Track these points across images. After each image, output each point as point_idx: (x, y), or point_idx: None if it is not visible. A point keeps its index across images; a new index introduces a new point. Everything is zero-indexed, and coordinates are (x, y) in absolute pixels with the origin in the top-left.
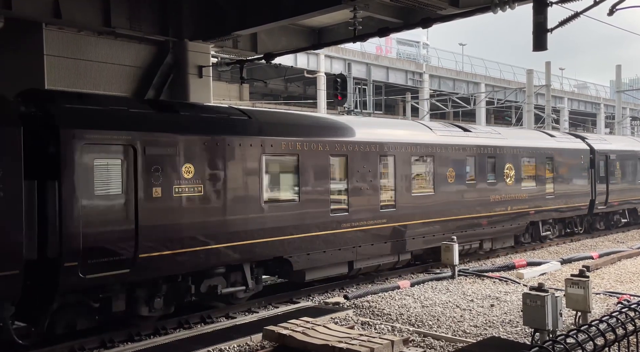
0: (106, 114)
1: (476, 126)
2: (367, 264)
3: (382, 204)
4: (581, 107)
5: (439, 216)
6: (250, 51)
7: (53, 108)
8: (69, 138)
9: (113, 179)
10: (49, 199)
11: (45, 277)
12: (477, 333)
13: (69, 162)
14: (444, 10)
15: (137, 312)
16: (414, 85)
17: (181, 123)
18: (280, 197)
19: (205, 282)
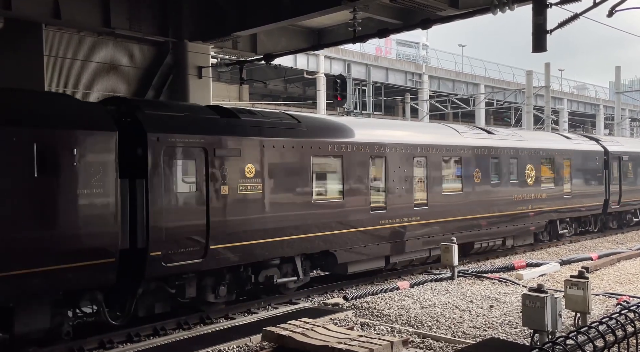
0: (182, 119)
1: (498, 129)
2: (402, 259)
3: (415, 203)
4: (580, 108)
5: (467, 214)
6: (250, 52)
7: (140, 115)
8: (154, 141)
9: (189, 178)
10: (138, 195)
11: (134, 265)
12: (477, 334)
13: (154, 163)
14: (444, 11)
15: (204, 298)
16: (413, 86)
17: (243, 127)
18: (327, 195)
19: (262, 273)
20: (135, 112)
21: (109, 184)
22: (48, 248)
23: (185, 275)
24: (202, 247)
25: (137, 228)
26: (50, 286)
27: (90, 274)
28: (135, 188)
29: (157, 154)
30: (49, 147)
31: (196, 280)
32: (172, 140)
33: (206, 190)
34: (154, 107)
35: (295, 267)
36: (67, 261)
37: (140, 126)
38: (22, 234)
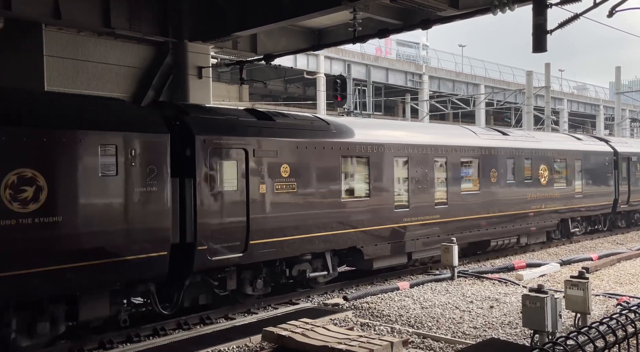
0: (224, 122)
1: (512, 130)
2: (423, 255)
3: (436, 201)
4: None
5: (484, 213)
6: (250, 52)
7: (188, 119)
8: (201, 143)
9: (231, 177)
10: (186, 193)
11: (183, 259)
12: (477, 334)
13: (201, 163)
14: (444, 11)
15: (243, 291)
16: (413, 86)
17: (278, 129)
18: (355, 194)
19: (295, 267)
20: (183, 115)
21: (162, 182)
22: (111, 242)
23: (227, 268)
24: (243, 243)
25: (186, 224)
26: (112, 277)
27: (146, 267)
28: (184, 186)
29: (204, 155)
30: (111, 149)
31: (236, 273)
32: (216, 142)
33: (246, 188)
34: (199, 110)
35: (325, 262)
36: (127, 254)
37: (188, 129)
38: (89, 229)
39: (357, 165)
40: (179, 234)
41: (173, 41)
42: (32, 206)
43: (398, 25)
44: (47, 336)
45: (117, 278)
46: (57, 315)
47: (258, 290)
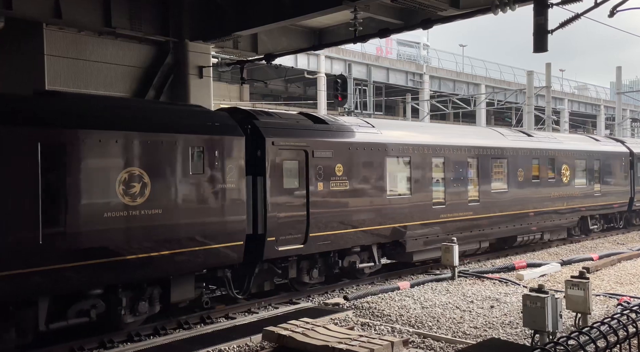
0: (288, 126)
1: (536, 132)
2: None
3: (469, 199)
4: (581, 109)
5: (511, 210)
6: (251, 52)
7: (258, 123)
8: (270, 145)
9: (294, 176)
10: (258, 189)
11: (254, 248)
12: (477, 334)
13: (269, 163)
14: (445, 11)
15: (301, 279)
16: (414, 86)
17: (333, 132)
18: (398, 191)
19: (346, 258)
20: (252, 120)
21: (240, 180)
22: (198, 232)
23: (289, 258)
24: (303, 235)
25: (258, 217)
26: (199, 263)
27: (226, 254)
28: (256, 183)
29: (272, 155)
30: (200, 149)
31: (296, 263)
32: (282, 144)
33: (306, 186)
34: (265, 115)
35: (371, 254)
36: (211, 243)
37: (259, 132)
38: (181, 221)
39: (400, 165)
40: (252, 226)
41: (174, 41)
42: (139, 200)
43: (399, 25)
44: (146, 314)
45: (202, 264)
46: (154, 296)
47: (314, 279)
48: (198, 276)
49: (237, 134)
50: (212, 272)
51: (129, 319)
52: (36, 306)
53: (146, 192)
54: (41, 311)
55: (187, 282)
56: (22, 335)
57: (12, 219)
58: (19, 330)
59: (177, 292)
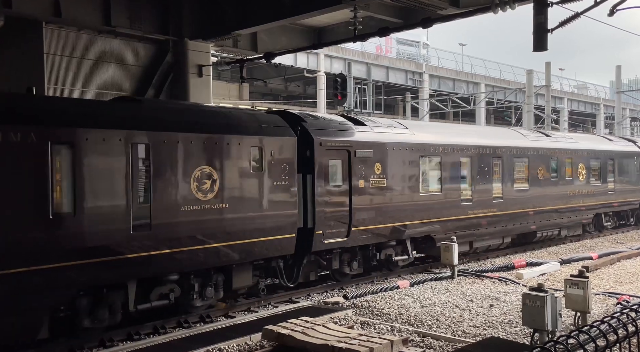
0: (332, 127)
1: (553, 132)
2: (482, 244)
3: (493, 196)
4: (581, 108)
5: (532, 207)
6: (250, 50)
7: (307, 125)
8: (318, 145)
9: (338, 174)
10: (308, 186)
11: (304, 241)
12: (477, 333)
13: (317, 162)
14: (444, 10)
15: (342, 270)
16: (413, 85)
17: (371, 133)
18: (430, 189)
19: (383, 252)
20: (302, 122)
21: (292, 177)
22: (257, 225)
23: (334, 250)
24: (346, 229)
25: (307, 212)
26: (256, 253)
27: (280, 246)
28: (305, 181)
29: (320, 155)
30: (259, 149)
31: (339, 255)
32: (329, 144)
33: (349, 183)
34: (311, 118)
35: (405, 248)
36: (267, 235)
37: (308, 133)
38: (243, 215)
39: (432, 164)
40: (302, 220)
41: (173, 39)
42: (209, 195)
43: (398, 24)
44: (212, 299)
45: (259, 254)
46: (218, 283)
47: (354, 270)
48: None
49: (290, 135)
50: (266, 262)
51: (198, 303)
52: (125, 289)
53: (215, 188)
54: (130, 294)
55: (246, 271)
56: (113, 315)
57: (112, 213)
58: (111, 310)
59: (238, 279)
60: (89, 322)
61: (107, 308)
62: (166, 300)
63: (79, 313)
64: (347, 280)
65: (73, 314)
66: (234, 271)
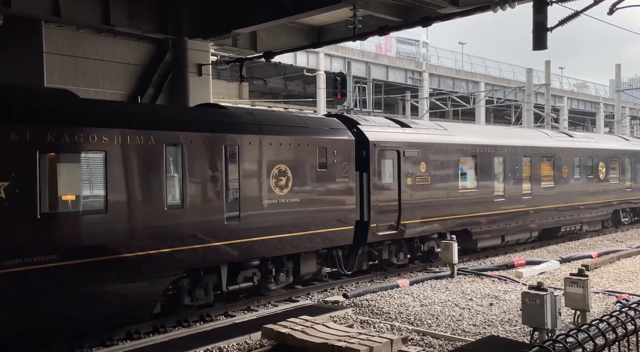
0: (384, 130)
1: (575, 132)
2: (512, 238)
3: (523, 192)
4: (581, 107)
5: (557, 203)
6: (250, 49)
7: (362, 127)
8: (372, 146)
9: (389, 172)
10: (364, 183)
11: (360, 232)
12: (476, 332)
13: (372, 161)
14: (444, 9)
15: (390, 260)
16: (413, 84)
17: (417, 134)
18: (467, 186)
19: (426, 244)
20: (357, 125)
21: (351, 174)
22: (323, 218)
23: (384, 242)
24: (396, 223)
25: (364, 206)
26: (320, 243)
27: (341, 236)
28: (362, 178)
29: (374, 155)
30: (324, 150)
31: (388, 246)
32: (382, 145)
33: (398, 181)
34: (364, 121)
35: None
36: (330, 227)
37: (364, 135)
38: (310, 208)
39: (469, 163)
40: (359, 214)
41: (173, 38)
42: (285, 190)
43: (398, 23)
44: (284, 283)
45: (322, 244)
46: (289, 269)
47: (401, 260)
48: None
49: (349, 136)
50: (328, 252)
51: (273, 286)
52: (218, 272)
53: (289, 184)
54: (223, 276)
55: (312, 259)
56: (207, 294)
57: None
58: (206, 290)
59: (305, 266)
60: (189, 300)
61: (203, 289)
62: (250, 282)
63: (181, 292)
64: (393, 270)
65: (177, 293)
66: (302, 259)
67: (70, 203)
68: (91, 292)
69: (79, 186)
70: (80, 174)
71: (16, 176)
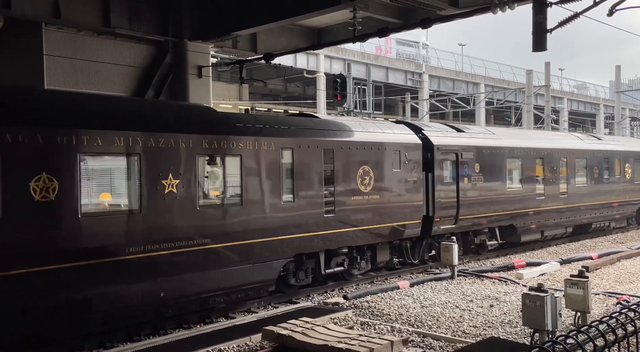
0: (444, 135)
1: (603, 136)
2: (550, 233)
3: (560, 191)
4: (580, 108)
5: (589, 201)
6: (250, 51)
7: (427, 132)
8: (436, 149)
9: (449, 172)
10: (429, 182)
11: (426, 226)
12: (477, 333)
13: (436, 163)
14: (444, 10)
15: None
16: (413, 85)
17: (471, 138)
18: (513, 185)
19: (478, 237)
20: (422, 130)
21: (419, 174)
22: (396, 212)
23: (444, 235)
24: (454, 217)
25: (429, 202)
26: (393, 235)
27: (410, 229)
28: (427, 178)
29: (437, 157)
30: (398, 152)
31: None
32: (444, 148)
33: (457, 180)
34: (426, 126)
35: (494, 234)
36: (402, 220)
37: (429, 140)
38: (387, 204)
39: (514, 164)
40: (425, 209)
41: (173, 40)
42: (368, 188)
43: (398, 24)
44: (364, 269)
45: (395, 236)
46: (368, 257)
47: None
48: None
49: (417, 141)
50: (399, 243)
51: (356, 272)
52: (316, 257)
53: (371, 183)
54: (321, 261)
55: (386, 249)
56: (307, 276)
57: (314, 201)
58: (306, 272)
59: (381, 255)
60: (294, 281)
61: (304, 271)
62: (342, 267)
63: (288, 274)
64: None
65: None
66: (378, 249)
67: (217, 198)
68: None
69: (222, 183)
70: (222, 175)
71: (183, 177)
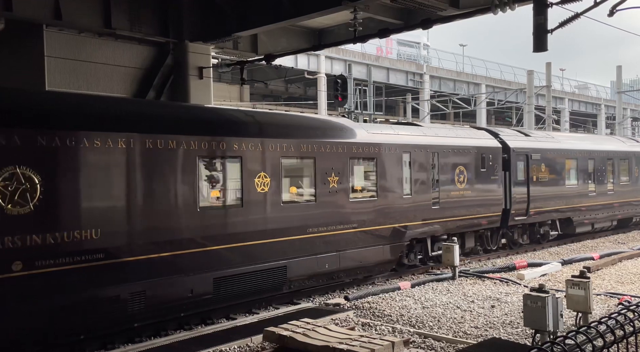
0: (517, 139)
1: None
2: (599, 226)
3: (608, 188)
4: (582, 108)
5: (631, 197)
6: (251, 52)
7: (503, 137)
8: (512, 152)
9: (522, 171)
10: (506, 180)
11: (504, 218)
12: (478, 334)
13: (512, 163)
14: (444, 11)
15: (517, 241)
16: (414, 86)
17: (537, 141)
18: (570, 183)
19: (542, 228)
20: (499, 134)
21: (499, 173)
22: (482, 205)
23: (518, 225)
24: (525, 210)
25: (507, 197)
26: (479, 224)
27: (492, 220)
28: (505, 176)
29: (513, 158)
30: (485, 155)
31: (518, 229)
32: (518, 151)
33: (527, 178)
34: (502, 132)
35: (555, 226)
36: (487, 212)
37: (506, 143)
38: (477, 198)
39: (572, 164)
40: (504, 203)
41: (174, 42)
42: (463, 184)
43: (399, 25)
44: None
45: (480, 225)
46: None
47: (525, 241)
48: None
49: (497, 144)
50: (482, 232)
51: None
52: (424, 242)
53: (465, 180)
54: (429, 245)
55: (472, 237)
56: (415, 258)
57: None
58: (415, 254)
59: (469, 241)
60: (407, 261)
61: (414, 254)
62: (440, 251)
63: (402, 255)
64: (517, 248)
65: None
66: (466, 236)
67: (366, 193)
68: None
69: (374, 181)
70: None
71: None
